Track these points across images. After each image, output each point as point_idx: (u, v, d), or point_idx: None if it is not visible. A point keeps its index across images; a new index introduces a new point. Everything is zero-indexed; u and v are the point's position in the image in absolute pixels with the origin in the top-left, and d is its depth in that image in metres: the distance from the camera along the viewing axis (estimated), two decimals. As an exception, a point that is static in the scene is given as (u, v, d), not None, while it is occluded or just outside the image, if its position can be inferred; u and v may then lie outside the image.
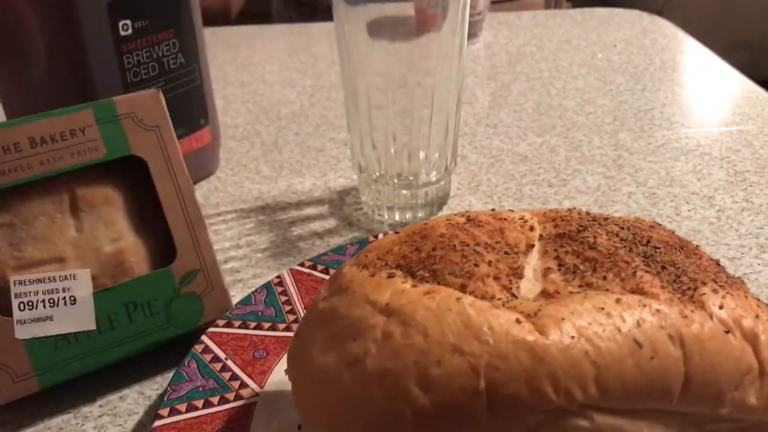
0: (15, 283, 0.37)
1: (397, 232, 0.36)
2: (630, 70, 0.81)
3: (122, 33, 0.50)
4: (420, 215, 0.56)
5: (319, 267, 0.46)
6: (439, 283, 0.31)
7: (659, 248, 0.35)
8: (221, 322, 0.41)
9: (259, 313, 0.42)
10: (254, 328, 0.41)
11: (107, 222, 0.40)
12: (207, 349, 0.39)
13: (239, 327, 0.41)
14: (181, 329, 0.41)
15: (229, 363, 0.38)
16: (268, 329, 0.41)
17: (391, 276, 0.32)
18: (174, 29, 0.53)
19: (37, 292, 0.37)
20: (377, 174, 0.55)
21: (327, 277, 0.45)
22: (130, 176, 0.41)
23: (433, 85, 0.52)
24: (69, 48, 0.50)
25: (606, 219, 0.37)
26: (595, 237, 0.34)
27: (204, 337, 0.39)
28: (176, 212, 0.41)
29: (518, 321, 0.29)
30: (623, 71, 0.81)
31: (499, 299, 0.31)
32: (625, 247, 0.34)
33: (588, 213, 0.37)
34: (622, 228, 0.36)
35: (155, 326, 0.40)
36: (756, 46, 2.53)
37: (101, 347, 0.39)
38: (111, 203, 0.40)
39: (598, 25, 0.95)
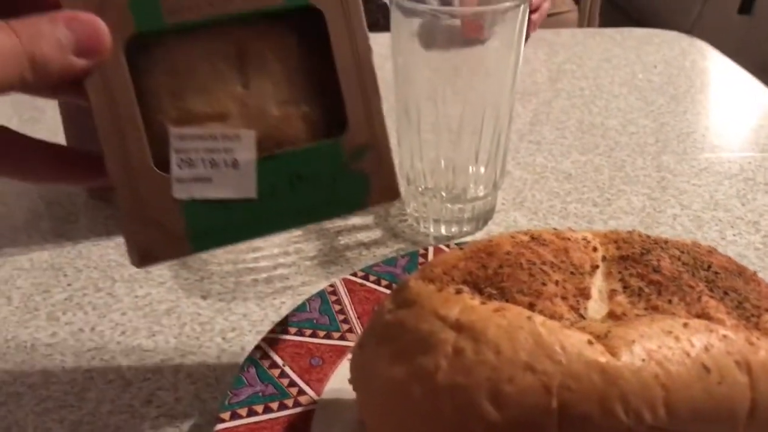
0: (175, 138, 0.33)
1: (460, 248, 0.36)
2: (671, 92, 0.81)
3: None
4: (465, 229, 0.56)
5: (371, 277, 0.46)
6: (507, 301, 0.32)
7: (720, 274, 0.35)
8: (278, 329, 0.41)
9: (314, 321, 0.42)
10: (310, 336, 0.41)
11: (276, 81, 0.35)
12: (265, 355, 0.39)
13: (295, 334, 0.41)
14: (344, 209, 0.37)
15: (287, 369, 0.39)
16: (323, 337, 0.41)
17: (458, 291, 0.32)
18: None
19: (197, 150, 0.33)
20: (424, 186, 0.56)
21: (379, 287, 0.46)
22: (303, 31, 0.36)
23: (484, 99, 0.52)
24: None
25: (666, 242, 0.37)
26: (658, 260, 0.35)
27: (262, 343, 0.40)
28: (350, 77, 0.36)
29: (590, 342, 0.29)
30: (664, 92, 0.81)
31: (567, 319, 0.31)
32: (688, 271, 0.34)
33: (648, 236, 0.38)
34: (683, 252, 0.36)
35: (317, 202, 0.36)
36: (785, 69, 2.51)
37: (259, 218, 0.35)
38: (282, 60, 0.35)
39: (637, 45, 0.95)
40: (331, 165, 0.36)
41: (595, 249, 0.36)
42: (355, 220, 0.58)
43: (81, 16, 0.31)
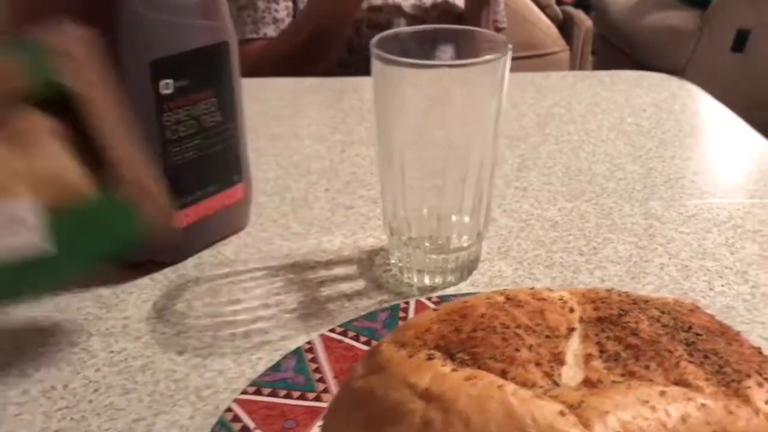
0: None
1: (435, 309, 0.35)
2: (659, 136, 0.81)
3: (163, 92, 0.51)
4: (450, 279, 0.56)
5: (350, 333, 0.45)
6: (479, 368, 0.31)
7: (701, 335, 0.34)
8: (250, 389, 0.40)
9: (289, 381, 0.41)
10: (284, 397, 0.40)
11: (47, 151, 0.41)
12: (236, 418, 0.38)
13: (269, 395, 0.40)
14: (122, 241, 0.44)
15: (259, 433, 0.38)
16: (297, 398, 0.40)
17: (430, 358, 0.31)
18: (214, 89, 0.54)
19: None
20: (407, 236, 0.55)
21: (357, 344, 0.45)
22: (67, 111, 0.42)
23: (467, 148, 0.52)
24: (110, 104, 0.51)
25: (646, 302, 0.36)
26: (636, 322, 0.34)
27: (233, 405, 0.39)
28: (110, 129, 0.43)
29: (562, 413, 0.28)
30: (653, 137, 0.81)
31: (540, 387, 0.30)
32: (667, 334, 0.33)
33: (628, 295, 0.37)
34: (663, 312, 0.35)
35: (98, 240, 0.43)
36: (779, 106, 2.53)
37: (47, 267, 0.40)
38: (50, 133, 0.42)
39: (626, 89, 0.95)
40: (102, 206, 0.42)
41: (572, 310, 0.35)
42: (338, 270, 0.57)
43: None
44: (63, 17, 0.49)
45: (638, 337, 0.33)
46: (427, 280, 0.56)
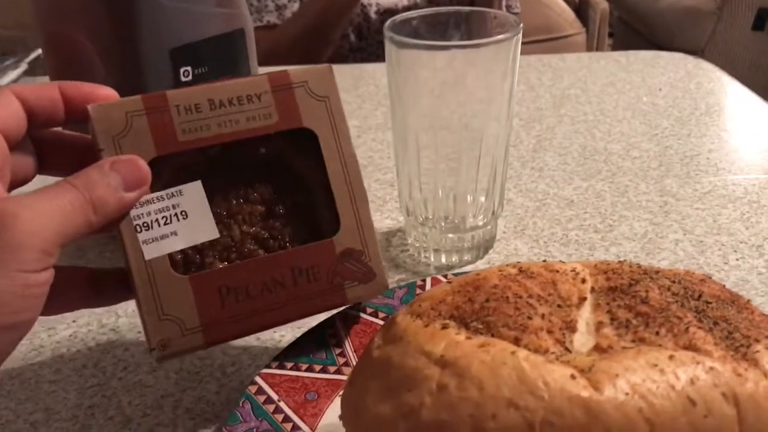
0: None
1: (449, 282, 0.36)
2: (675, 114, 0.81)
3: (183, 79, 0.52)
4: (466, 258, 0.57)
5: (369, 310, 0.46)
6: (492, 336, 0.32)
7: (711, 303, 0.35)
8: (274, 364, 0.42)
9: (311, 356, 0.43)
10: (306, 370, 0.42)
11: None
12: (260, 390, 0.40)
13: (291, 369, 0.42)
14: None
15: (282, 405, 0.39)
16: (319, 371, 0.42)
17: (445, 327, 0.32)
18: (232, 76, 0.55)
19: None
20: (424, 217, 0.56)
21: (376, 320, 0.46)
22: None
23: (481, 128, 0.53)
24: (130, 92, 0.52)
25: (657, 272, 0.37)
26: (647, 291, 0.35)
27: (257, 378, 0.40)
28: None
29: (573, 377, 0.29)
30: (668, 115, 0.81)
31: (552, 353, 0.31)
32: (677, 302, 0.34)
33: (639, 266, 0.38)
34: (674, 282, 0.36)
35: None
36: (801, 85, 2.50)
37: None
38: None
39: (642, 68, 0.95)
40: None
41: (584, 280, 0.36)
42: (356, 251, 0.59)
43: (122, 158, 0.36)
44: (85, 9, 0.51)
45: (648, 304, 0.34)
46: (443, 259, 0.57)
